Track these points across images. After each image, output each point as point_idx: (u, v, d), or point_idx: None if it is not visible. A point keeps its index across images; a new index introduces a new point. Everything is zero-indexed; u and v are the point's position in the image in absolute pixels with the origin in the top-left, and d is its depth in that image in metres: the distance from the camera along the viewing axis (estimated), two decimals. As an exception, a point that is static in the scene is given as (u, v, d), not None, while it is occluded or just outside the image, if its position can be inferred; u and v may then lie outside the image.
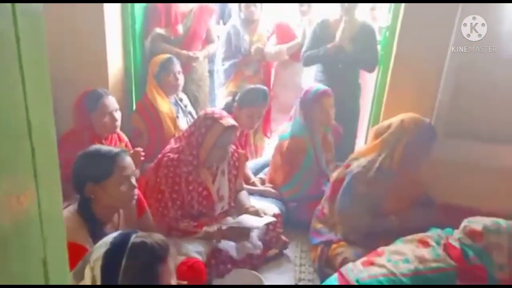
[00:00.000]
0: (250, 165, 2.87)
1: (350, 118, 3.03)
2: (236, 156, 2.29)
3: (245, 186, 2.48)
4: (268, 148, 3.45)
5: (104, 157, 1.63)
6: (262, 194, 2.62)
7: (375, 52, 2.90)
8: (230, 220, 2.21)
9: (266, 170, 2.90)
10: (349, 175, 2.16)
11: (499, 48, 2.19)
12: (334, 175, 2.32)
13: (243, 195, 2.34)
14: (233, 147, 2.27)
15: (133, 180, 1.70)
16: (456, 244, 1.70)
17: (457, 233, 1.74)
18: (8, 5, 0.57)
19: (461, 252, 1.67)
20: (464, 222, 1.75)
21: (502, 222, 1.68)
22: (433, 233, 1.81)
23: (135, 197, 1.73)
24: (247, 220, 2.13)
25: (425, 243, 1.75)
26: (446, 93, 2.28)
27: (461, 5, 2.18)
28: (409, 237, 1.82)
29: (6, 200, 0.60)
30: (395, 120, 2.17)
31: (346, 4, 2.81)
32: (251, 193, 2.52)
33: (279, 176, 2.69)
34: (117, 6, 2.80)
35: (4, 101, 0.59)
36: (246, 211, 2.21)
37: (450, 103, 2.29)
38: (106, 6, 2.64)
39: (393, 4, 2.54)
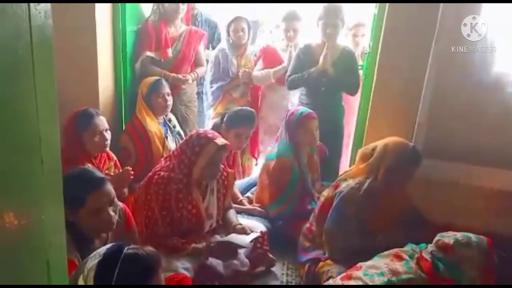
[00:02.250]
0: (238, 184, 2.93)
1: (334, 139, 3.12)
2: (225, 175, 2.35)
3: (233, 205, 2.53)
4: (255, 169, 3.52)
5: (76, 188, 1.57)
6: (250, 213, 2.68)
7: (357, 76, 3.03)
8: (218, 238, 2.25)
9: (254, 189, 2.96)
10: (338, 195, 2.23)
11: (472, 72, 2.32)
12: (324, 194, 2.37)
13: (231, 213, 2.40)
14: (222, 166, 2.33)
15: (111, 210, 1.67)
16: (428, 257, 1.80)
17: (430, 247, 1.84)
18: (27, 35, 0.65)
19: (431, 264, 1.76)
20: (437, 236, 1.84)
21: (472, 236, 1.79)
22: (407, 248, 1.91)
23: (113, 225, 1.69)
24: (234, 238, 2.18)
25: (399, 257, 1.85)
26: (423, 116, 2.40)
27: (436, 31, 2.31)
28: (385, 252, 1.91)
29: (18, 208, 0.66)
30: (379, 143, 2.24)
31: (328, 30, 2.94)
32: (239, 211, 2.57)
33: (266, 195, 2.75)
34: (109, 29, 2.89)
35: (20, 117, 0.66)
36: (234, 228, 2.26)
37: (427, 125, 2.40)
38: (99, 28, 2.73)
39: (373, 30, 2.68)
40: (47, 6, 0.72)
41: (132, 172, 2.36)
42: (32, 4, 0.69)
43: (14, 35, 0.66)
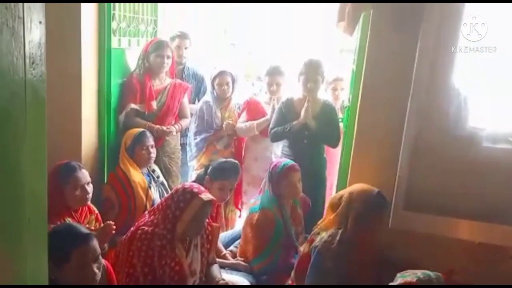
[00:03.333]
0: (221, 237, 2.89)
1: (317, 191, 3.14)
2: (209, 229, 2.32)
3: (216, 259, 2.48)
4: (239, 221, 3.49)
5: (62, 243, 1.59)
6: (233, 268, 2.62)
7: (337, 129, 3.12)
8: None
9: (237, 242, 2.92)
10: (314, 251, 2.23)
11: (447, 127, 2.41)
12: (300, 249, 2.37)
13: (215, 268, 2.35)
14: (207, 221, 2.31)
15: (95, 267, 1.66)
16: None
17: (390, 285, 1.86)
18: (22, 98, 0.67)
19: None
20: (398, 276, 1.89)
21: (430, 273, 1.84)
22: None
23: (96, 283, 1.68)
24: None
25: None
26: (403, 169, 2.45)
27: (412, 87, 2.42)
28: None
29: (3, 262, 0.65)
30: (346, 191, 2.30)
31: (309, 85, 3.05)
32: (222, 266, 2.52)
33: (249, 248, 2.71)
34: (94, 80, 2.93)
35: (9, 174, 0.66)
36: (217, 284, 2.21)
37: (408, 178, 2.45)
38: (84, 79, 2.77)
39: (352, 85, 2.79)
40: (42, 70, 0.74)
41: (114, 227, 2.31)
42: (28, 68, 0.72)
43: (10, 98, 0.67)
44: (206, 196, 2.12)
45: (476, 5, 2.30)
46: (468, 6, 2.29)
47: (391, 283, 1.88)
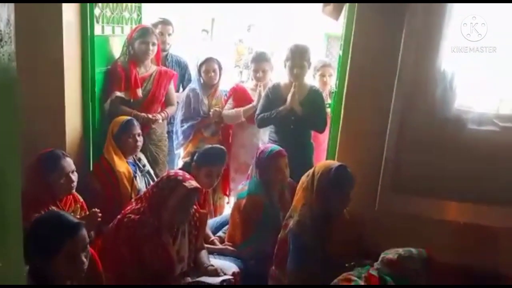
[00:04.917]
0: (210, 223, 2.88)
1: (304, 176, 3.15)
2: (197, 216, 2.31)
3: (204, 245, 2.48)
4: (227, 207, 3.49)
5: (51, 234, 1.56)
6: (222, 253, 2.62)
7: (324, 114, 3.12)
8: (188, 280, 2.19)
9: (225, 228, 2.92)
10: (290, 234, 2.27)
11: (433, 110, 2.42)
12: (279, 236, 2.41)
13: (203, 254, 2.35)
14: (194, 207, 2.30)
15: (83, 256, 1.62)
16: (375, 273, 1.87)
17: (376, 265, 1.92)
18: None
19: (379, 280, 1.83)
20: (382, 254, 1.93)
21: (412, 249, 1.89)
22: (354, 271, 1.98)
23: (83, 273, 1.63)
24: (205, 279, 2.13)
25: (348, 280, 1.91)
26: (390, 152, 2.46)
27: (398, 70, 2.42)
28: (335, 280, 1.96)
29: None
30: (311, 169, 2.38)
31: (295, 71, 3.03)
32: (210, 251, 2.52)
33: (237, 234, 2.71)
34: (77, 68, 2.88)
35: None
36: (205, 269, 2.21)
37: (395, 161, 2.47)
38: (67, 67, 2.72)
39: (339, 71, 2.78)
40: (11, 48, 0.72)
41: (100, 214, 2.29)
42: (-5, 47, 0.69)
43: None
44: (190, 184, 2.10)
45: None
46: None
47: (377, 265, 1.90)
